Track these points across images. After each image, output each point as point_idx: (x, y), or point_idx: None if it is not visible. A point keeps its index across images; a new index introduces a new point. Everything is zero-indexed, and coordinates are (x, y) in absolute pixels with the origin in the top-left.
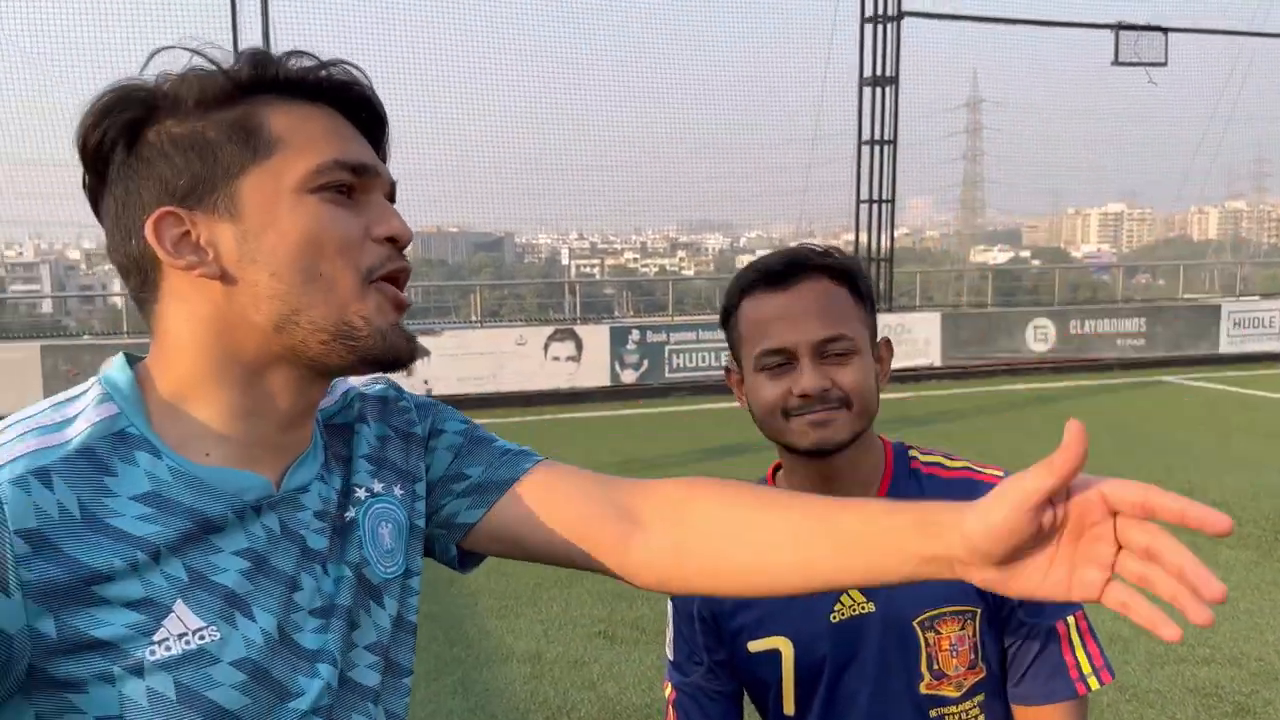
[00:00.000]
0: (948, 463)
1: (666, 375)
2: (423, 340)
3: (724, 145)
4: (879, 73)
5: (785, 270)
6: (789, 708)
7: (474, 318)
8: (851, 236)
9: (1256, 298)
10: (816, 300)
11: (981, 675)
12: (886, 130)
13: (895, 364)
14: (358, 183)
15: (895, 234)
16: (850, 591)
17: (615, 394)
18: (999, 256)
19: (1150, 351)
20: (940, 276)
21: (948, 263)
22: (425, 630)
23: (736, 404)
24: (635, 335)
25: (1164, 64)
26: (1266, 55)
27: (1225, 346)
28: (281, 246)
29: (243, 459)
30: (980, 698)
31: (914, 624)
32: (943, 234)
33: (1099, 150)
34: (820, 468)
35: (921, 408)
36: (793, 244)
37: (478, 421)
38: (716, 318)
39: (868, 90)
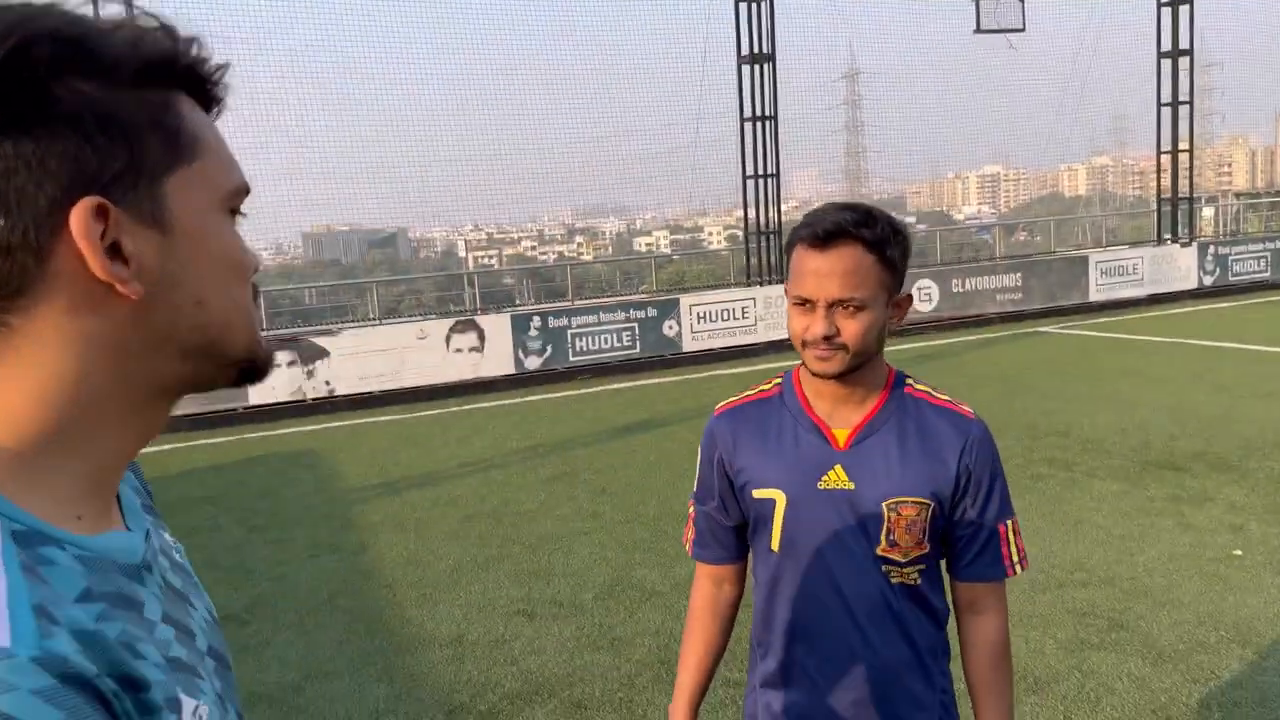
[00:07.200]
0: (934, 393)
1: (570, 359)
2: (320, 341)
3: (614, 130)
4: (755, 50)
5: (826, 237)
6: (774, 545)
7: (372, 316)
8: (741, 213)
9: (1123, 247)
10: (843, 265)
11: (925, 550)
12: (767, 106)
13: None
14: None
15: (783, 207)
16: (836, 468)
17: (520, 381)
18: None
19: (1027, 304)
20: None
21: None
22: (344, 624)
23: (635, 384)
24: (537, 322)
25: (1022, 29)
26: (1116, 18)
27: (1094, 295)
28: (211, 270)
29: (102, 513)
30: (921, 567)
31: (883, 504)
32: None
33: (972, 116)
34: (827, 382)
35: None
36: (840, 200)
37: (385, 418)
38: (616, 299)
39: (746, 68)
